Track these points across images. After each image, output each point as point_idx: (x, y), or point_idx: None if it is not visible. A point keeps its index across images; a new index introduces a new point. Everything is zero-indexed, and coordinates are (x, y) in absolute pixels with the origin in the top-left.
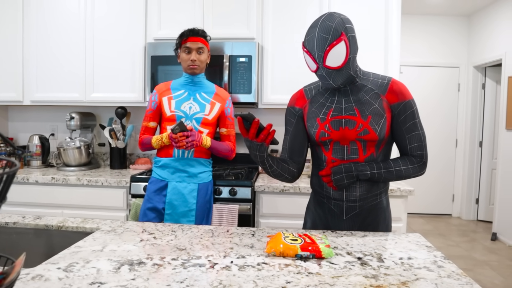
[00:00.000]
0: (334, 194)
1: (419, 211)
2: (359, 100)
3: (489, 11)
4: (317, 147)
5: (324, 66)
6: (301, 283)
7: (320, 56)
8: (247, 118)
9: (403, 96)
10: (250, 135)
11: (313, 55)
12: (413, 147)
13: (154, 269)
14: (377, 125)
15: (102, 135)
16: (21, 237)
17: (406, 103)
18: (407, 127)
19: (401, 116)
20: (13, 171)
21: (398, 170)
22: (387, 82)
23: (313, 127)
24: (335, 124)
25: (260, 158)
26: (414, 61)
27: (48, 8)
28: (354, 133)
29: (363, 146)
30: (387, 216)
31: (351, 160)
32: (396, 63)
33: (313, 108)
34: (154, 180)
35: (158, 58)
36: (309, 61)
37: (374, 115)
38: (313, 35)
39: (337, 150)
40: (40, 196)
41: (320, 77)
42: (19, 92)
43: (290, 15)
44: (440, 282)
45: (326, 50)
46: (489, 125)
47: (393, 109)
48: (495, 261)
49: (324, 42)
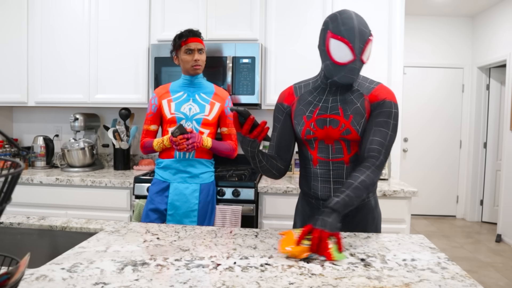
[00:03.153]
0: (322, 195)
1: (423, 212)
2: (344, 99)
3: (493, 12)
4: (303, 146)
5: (360, 59)
6: (304, 284)
7: (360, 48)
8: (242, 114)
9: (384, 96)
10: (243, 131)
11: (353, 46)
12: (374, 140)
13: (158, 269)
14: (358, 125)
15: (106, 136)
16: (25, 237)
17: (386, 102)
18: (378, 121)
19: (376, 110)
20: (18, 172)
21: (362, 181)
22: (373, 86)
23: (300, 125)
24: (320, 122)
25: (251, 153)
26: (418, 62)
27: (53, 10)
28: (338, 133)
29: (347, 146)
30: (376, 216)
31: (336, 160)
32: (400, 64)
33: (300, 106)
34: (156, 182)
35: (162, 60)
36: (344, 52)
37: (355, 114)
38: (352, 26)
39: (322, 149)
40: (44, 196)
41: (347, 71)
42: (23, 93)
43: (293, 16)
44: (444, 284)
45: (366, 43)
46: (493, 126)
47: (372, 108)
48: (499, 263)
49: (364, 35)
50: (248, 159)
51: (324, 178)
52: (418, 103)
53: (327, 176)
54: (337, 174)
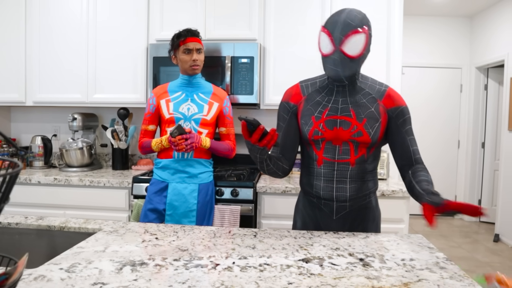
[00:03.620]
0: (324, 194)
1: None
2: (356, 102)
3: (492, 12)
4: (308, 145)
5: (340, 50)
6: (303, 284)
7: (339, 38)
8: (252, 123)
9: (399, 102)
10: (253, 140)
11: (333, 37)
12: (415, 149)
13: (156, 269)
14: (371, 129)
15: (104, 136)
16: (23, 237)
17: (403, 108)
18: (407, 130)
19: (399, 119)
20: (16, 172)
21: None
22: (384, 89)
23: (307, 125)
24: (330, 123)
25: (259, 159)
26: (416, 62)
27: (51, 9)
28: (348, 134)
29: (355, 147)
30: (376, 216)
31: (342, 161)
32: (398, 64)
33: (308, 106)
34: (155, 182)
35: (160, 59)
36: (326, 42)
37: (369, 118)
38: (337, 18)
39: (329, 149)
40: (42, 196)
41: (330, 62)
42: (21, 93)
43: (292, 16)
44: (443, 284)
45: (348, 34)
46: (491, 126)
47: (390, 113)
48: (497, 262)
49: (348, 27)
50: (255, 163)
51: (327, 178)
52: (416, 103)
53: (330, 176)
54: (341, 175)
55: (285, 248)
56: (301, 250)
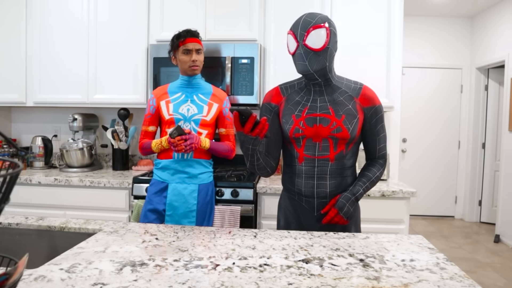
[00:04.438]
0: (306, 191)
1: (421, 213)
2: (333, 100)
3: (492, 13)
4: (289, 144)
5: (303, 44)
6: (303, 284)
7: (302, 34)
8: (244, 113)
9: (374, 101)
10: (245, 129)
11: (296, 34)
12: (381, 147)
13: (156, 270)
14: (349, 124)
15: (104, 136)
16: (24, 238)
17: (377, 107)
18: (378, 129)
19: (372, 119)
20: (16, 172)
21: (376, 177)
22: (359, 87)
23: (288, 123)
24: (310, 121)
25: (251, 151)
26: (416, 63)
27: (51, 10)
28: (328, 131)
29: (334, 144)
30: (356, 213)
31: (322, 157)
32: (399, 65)
33: (289, 105)
34: (155, 182)
35: (161, 60)
36: (291, 41)
37: (347, 115)
38: (299, 20)
39: (309, 147)
40: (42, 197)
41: (298, 58)
42: (22, 94)
43: (292, 17)
44: (443, 284)
45: (308, 29)
46: (492, 126)
47: (366, 112)
48: (498, 263)
49: (307, 24)
50: (246, 157)
51: (308, 174)
52: (417, 104)
53: (311, 173)
54: (321, 171)
55: (285, 248)
56: (301, 251)
